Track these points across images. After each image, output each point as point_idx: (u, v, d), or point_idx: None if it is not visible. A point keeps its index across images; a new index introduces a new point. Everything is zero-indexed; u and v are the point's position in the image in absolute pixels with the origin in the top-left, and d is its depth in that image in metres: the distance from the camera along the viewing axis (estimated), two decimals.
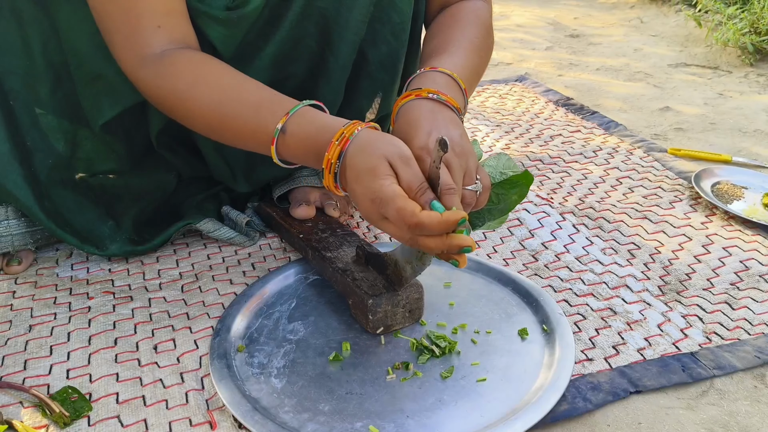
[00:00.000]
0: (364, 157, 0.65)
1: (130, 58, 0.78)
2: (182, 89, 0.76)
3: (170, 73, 0.77)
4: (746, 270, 0.95)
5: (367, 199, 0.65)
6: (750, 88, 1.79)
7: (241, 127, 0.75)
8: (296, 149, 0.72)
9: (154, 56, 0.77)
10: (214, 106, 0.75)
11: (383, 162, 0.64)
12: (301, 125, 0.71)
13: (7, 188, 0.89)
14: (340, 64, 0.91)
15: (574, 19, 2.62)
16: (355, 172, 0.66)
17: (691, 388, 0.75)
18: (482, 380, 0.74)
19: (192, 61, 0.78)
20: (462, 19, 0.91)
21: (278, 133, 0.71)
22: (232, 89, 0.76)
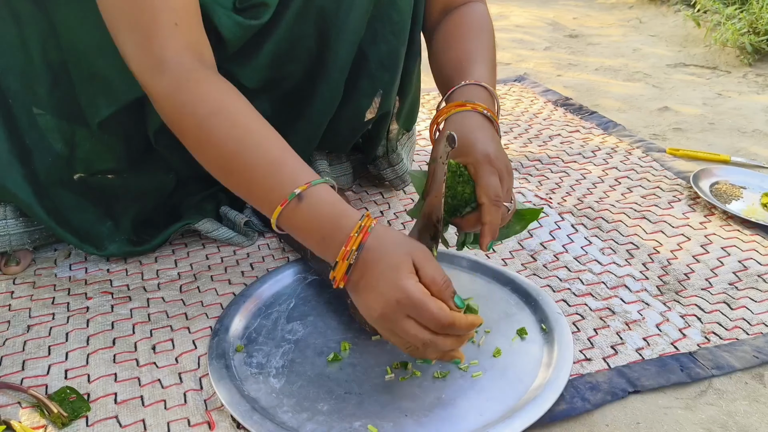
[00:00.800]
0: (387, 253, 0.63)
1: (147, 61, 0.72)
2: (202, 115, 0.71)
3: (192, 91, 0.71)
4: (745, 270, 0.95)
5: (391, 299, 0.62)
6: (749, 88, 1.79)
7: (255, 177, 0.70)
8: (306, 221, 0.67)
9: (174, 64, 0.72)
10: (233, 144, 0.70)
11: (409, 260, 0.63)
12: (320, 200, 0.67)
13: (7, 186, 0.89)
14: (339, 64, 0.91)
15: (573, 19, 2.62)
16: (376, 269, 0.63)
17: (690, 388, 0.75)
18: (480, 379, 0.74)
19: (218, 88, 0.73)
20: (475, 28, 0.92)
21: (293, 197, 0.66)
22: (256, 135, 0.71)
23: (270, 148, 0.70)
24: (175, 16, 0.72)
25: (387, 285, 0.62)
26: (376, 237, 0.64)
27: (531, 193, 1.17)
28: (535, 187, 1.19)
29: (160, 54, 0.71)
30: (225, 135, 0.70)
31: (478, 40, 0.90)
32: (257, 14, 0.83)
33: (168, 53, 0.71)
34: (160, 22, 0.71)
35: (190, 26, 0.74)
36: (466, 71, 0.83)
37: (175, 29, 0.72)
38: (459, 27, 0.92)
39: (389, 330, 0.64)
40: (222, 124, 0.70)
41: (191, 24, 0.74)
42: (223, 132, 0.70)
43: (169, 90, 0.72)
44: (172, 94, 0.72)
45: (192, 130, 0.72)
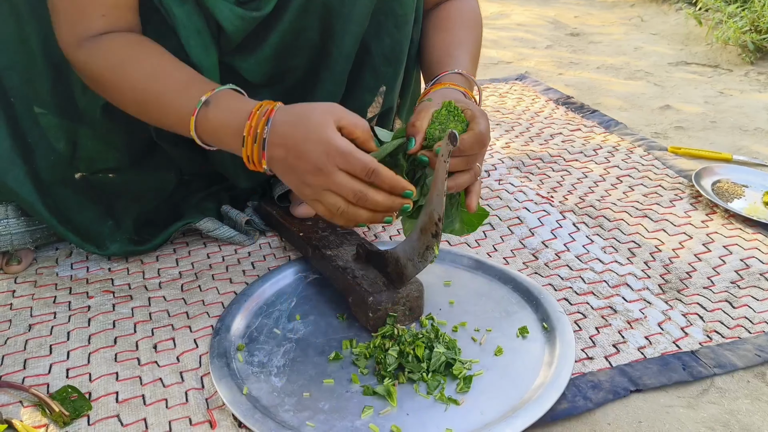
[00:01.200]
0: (304, 117, 0.68)
1: (70, 39, 0.81)
2: (113, 65, 0.79)
3: (104, 51, 0.79)
4: (747, 268, 0.95)
5: (321, 154, 0.66)
6: (750, 86, 1.79)
7: (167, 102, 0.77)
8: (218, 121, 0.74)
9: (92, 38, 0.80)
10: (143, 83, 0.78)
11: (329, 117, 0.67)
12: (227, 101, 0.74)
13: (9, 185, 0.89)
14: (343, 57, 0.90)
15: (574, 17, 2.62)
16: (298, 134, 0.68)
17: (692, 387, 0.75)
18: (482, 378, 0.73)
19: (127, 41, 0.81)
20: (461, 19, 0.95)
21: (201, 105, 0.73)
22: (161, 67, 0.79)
23: (179, 75, 0.78)
24: (103, 9, 0.80)
25: (313, 143, 0.67)
26: (283, 110, 0.70)
27: (532, 191, 1.17)
28: (536, 186, 1.19)
29: (82, 35, 0.80)
30: (134, 76, 0.78)
31: (463, 30, 0.93)
32: (259, 6, 0.83)
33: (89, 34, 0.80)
34: (87, 12, 0.80)
35: (118, 17, 0.81)
36: (449, 61, 0.87)
37: (101, 19, 0.80)
38: (446, 18, 0.96)
39: (320, 192, 0.68)
40: (133, 69, 0.79)
41: (120, 16, 0.81)
42: (133, 73, 0.78)
43: (84, 56, 0.80)
44: (87, 59, 0.80)
45: (108, 83, 0.81)
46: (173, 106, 0.77)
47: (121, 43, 0.80)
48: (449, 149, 0.62)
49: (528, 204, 1.12)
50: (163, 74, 0.79)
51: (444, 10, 0.97)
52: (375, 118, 1.01)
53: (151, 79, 0.78)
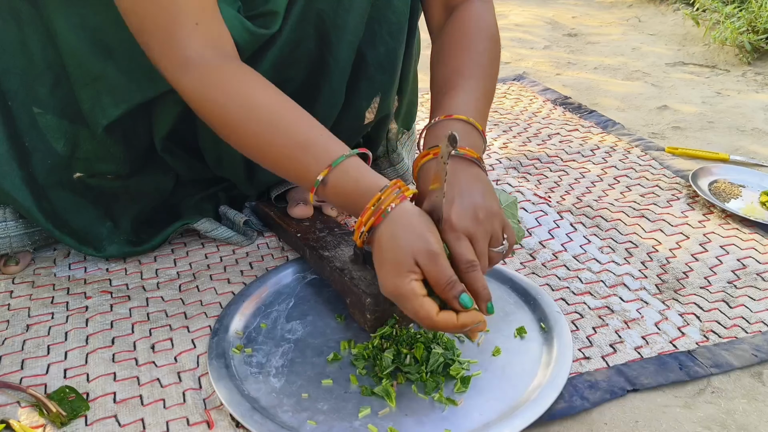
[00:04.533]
0: (392, 246, 0.66)
1: (171, 62, 0.75)
2: (231, 109, 0.74)
3: (218, 87, 0.74)
4: (744, 268, 0.95)
5: (389, 290, 0.66)
6: (748, 86, 1.79)
7: (285, 165, 0.74)
8: (334, 200, 0.72)
9: (198, 61, 0.74)
10: (261, 135, 0.73)
11: (409, 260, 0.65)
12: (342, 180, 0.70)
13: (6, 189, 0.89)
14: (340, 66, 0.90)
15: (572, 18, 2.62)
16: (381, 257, 0.67)
17: (689, 387, 0.75)
18: (480, 378, 0.74)
19: (243, 79, 0.75)
20: (469, 36, 0.87)
21: (318, 184, 0.70)
22: (281, 121, 0.74)
23: (296, 132, 0.73)
24: (195, 16, 0.74)
25: (385, 276, 0.66)
26: (390, 224, 0.67)
27: (530, 192, 1.17)
28: (533, 186, 1.19)
29: (184, 53, 0.74)
30: (254, 126, 0.73)
31: (471, 54, 0.85)
32: (266, 23, 0.83)
33: (191, 52, 0.74)
34: (180, 22, 0.74)
35: (211, 24, 0.76)
36: (447, 99, 0.80)
37: (196, 28, 0.74)
38: (453, 36, 0.88)
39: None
40: (248, 115, 0.73)
41: (211, 22, 0.76)
42: (253, 124, 0.73)
43: (195, 86, 0.75)
44: (198, 90, 0.75)
45: (223, 124, 0.75)
46: (290, 171, 0.74)
47: (237, 80, 0.75)
48: (449, 151, 0.63)
49: (525, 204, 1.13)
50: (281, 131, 0.73)
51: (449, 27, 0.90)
52: (371, 124, 1.01)
53: (269, 134, 0.73)
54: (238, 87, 0.74)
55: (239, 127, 0.74)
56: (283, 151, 0.73)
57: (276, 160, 0.74)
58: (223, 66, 0.75)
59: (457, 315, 0.65)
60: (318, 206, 1.03)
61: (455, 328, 0.65)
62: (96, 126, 0.89)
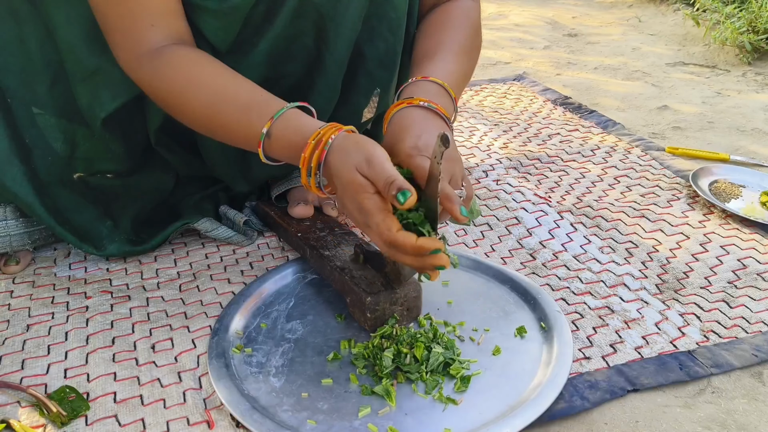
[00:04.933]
0: (341, 169, 0.68)
1: (128, 56, 0.81)
2: (177, 90, 0.79)
3: (166, 72, 0.79)
4: (744, 268, 0.95)
5: (354, 210, 0.68)
6: (748, 86, 1.79)
7: (232, 128, 0.77)
8: (280, 152, 0.74)
9: (151, 54, 0.79)
10: (207, 107, 0.78)
11: (355, 174, 0.66)
12: (284, 129, 0.73)
13: (7, 185, 0.89)
14: (337, 61, 0.90)
15: (572, 18, 2.62)
16: (340, 185, 0.69)
17: (689, 387, 0.75)
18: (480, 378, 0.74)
19: (187, 60, 0.80)
20: (452, 20, 0.92)
21: (263, 137, 0.73)
22: (224, 90, 0.78)
23: (238, 99, 0.77)
24: (150, 18, 0.79)
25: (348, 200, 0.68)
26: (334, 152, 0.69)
27: (530, 192, 1.17)
28: (534, 186, 1.19)
29: (138, 51, 0.80)
30: (201, 102, 0.78)
31: (451, 33, 0.90)
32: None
33: (144, 49, 0.79)
34: (136, 25, 0.79)
35: (168, 25, 0.80)
36: (425, 66, 0.84)
37: (151, 29, 0.79)
38: (437, 19, 0.93)
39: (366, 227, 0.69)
40: (196, 93, 0.78)
41: (169, 23, 0.80)
42: (199, 100, 0.78)
43: (149, 77, 0.80)
44: (150, 78, 0.80)
45: (173, 106, 0.81)
46: (238, 134, 0.77)
47: (182, 62, 0.79)
48: (441, 150, 0.62)
49: (526, 204, 1.13)
50: (225, 99, 0.77)
51: (437, 12, 0.95)
52: (370, 122, 1.01)
53: (215, 105, 0.78)
54: (183, 67, 0.79)
55: (187, 103, 0.79)
56: (229, 118, 0.77)
57: (224, 128, 0.78)
58: (171, 52, 0.79)
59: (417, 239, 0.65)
60: (318, 206, 1.03)
61: (413, 248, 0.64)
62: (94, 120, 0.89)
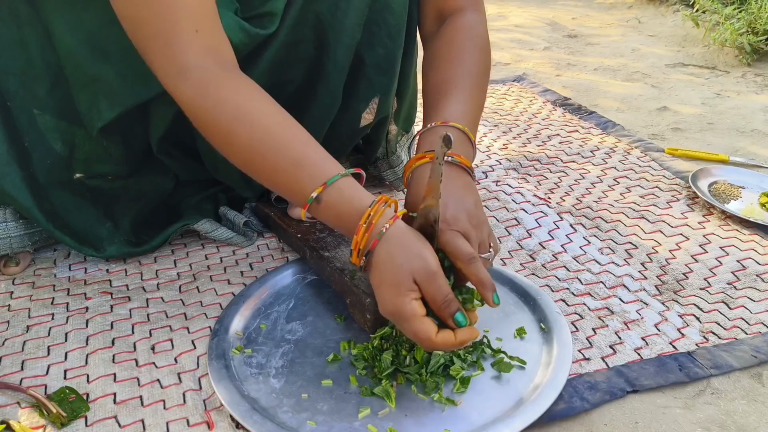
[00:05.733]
0: (390, 267, 0.67)
1: (170, 68, 0.74)
2: (225, 120, 0.73)
3: (213, 96, 0.73)
4: (743, 269, 0.95)
5: (388, 309, 0.67)
6: (747, 87, 1.79)
7: (278, 179, 0.73)
8: (326, 218, 0.72)
9: (196, 69, 0.73)
10: (254, 151, 0.73)
11: (408, 279, 0.66)
12: (336, 198, 0.70)
13: (6, 189, 0.89)
14: (338, 68, 0.91)
15: (572, 19, 2.63)
16: (380, 278, 0.68)
17: (688, 388, 0.75)
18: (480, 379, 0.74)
19: (238, 90, 0.74)
20: (462, 45, 0.88)
21: (311, 201, 0.71)
22: (275, 136, 0.73)
23: (290, 148, 0.72)
24: (195, 22, 0.73)
25: (384, 296, 0.67)
26: (386, 244, 0.68)
27: (530, 193, 1.17)
28: (533, 187, 1.20)
29: (183, 60, 0.73)
30: (247, 139, 0.72)
31: (463, 64, 0.87)
32: (263, 24, 0.83)
33: (190, 59, 0.73)
34: (180, 29, 0.72)
35: (211, 31, 0.75)
36: (439, 106, 0.82)
37: (196, 35, 0.73)
38: (445, 45, 0.90)
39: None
40: (244, 128, 0.72)
41: (211, 28, 0.75)
42: (245, 136, 0.72)
43: (192, 95, 0.73)
44: (195, 99, 0.73)
45: (216, 134, 0.75)
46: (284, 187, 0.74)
47: (233, 91, 0.74)
48: (444, 152, 0.63)
49: (525, 205, 1.13)
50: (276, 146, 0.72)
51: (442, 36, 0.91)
52: (370, 126, 1.01)
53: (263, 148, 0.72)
54: (233, 97, 0.73)
55: (232, 139, 0.73)
56: (277, 166, 0.72)
57: (268, 175, 0.74)
58: (220, 75, 0.74)
59: (455, 333, 0.66)
60: None
61: (453, 346, 0.67)
62: (92, 128, 0.89)
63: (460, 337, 0.67)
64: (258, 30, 0.82)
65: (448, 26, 0.92)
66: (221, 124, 0.73)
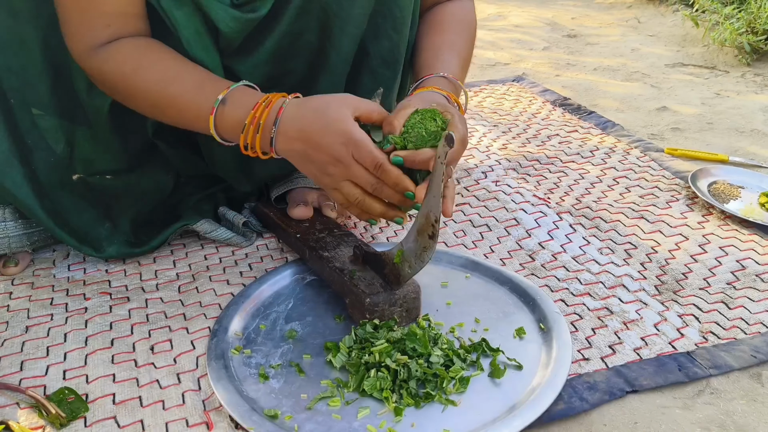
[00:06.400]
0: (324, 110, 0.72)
1: (81, 49, 0.82)
2: (127, 72, 0.81)
3: (115, 58, 0.81)
4: (743, 269, 0.95)
5: (341, 145, 0.70)
6: (747, 87, 1.79)
7: (184, 104, 0.79)
8: (235, 118, 0.76)
9: (103, 46, 0.81)
10: (158, 86, 0.80)
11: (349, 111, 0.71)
12: (240, 98, 0.77)
13: (6, 186, 0.89)
14: (342, 59, 0.90)
15: (571, 19, 2.62)
16: (319, 125, 0.71)
17: (688, 388, 0.75)
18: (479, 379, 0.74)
19: (137, 46, 0.82)
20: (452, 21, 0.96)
21: (218, 104, 0.75)
22: (174, 69, 0.80)
23: (189, 77, 0.80)
24: (108, 19, 0.81)
25: (332, 135, 0.71)
26: (296, 104, 0.73)
27: (529, 192, 1.17)
28: (533, 187, 1.20)
29: (91, 43, 0.82)
30: (149, 81, 0.80)
31: (454, 33, 0.93)
32: (254, 7, 0.83)
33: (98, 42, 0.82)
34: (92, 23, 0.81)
35: (124, 26, 0.82)
36: (435, 64, 0.87)
37: (107, 29, 0.81)
38: (439, 21, 0.96)
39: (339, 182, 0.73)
40: (146, 74, 0.80)
41: (126, 24, 0.82)
42: (149, 81, 0.80)
43: (97, 64, 0.82)
44: (99, 66, 0.82)
45: (123, 89, 0.83)
46: (190, 107, 0.79)
47: (131, 49, 0.82)
48: (446, 151, 0.63)
49: (525, 205, 1.13)
50: (177, 77, 0.80)
51: (438, 12, 0.98)
52: None
53: (165, 83, 0.80)
54: (133, 51, 0.81)
55: (135, 85, 0.81)
56: (180, 94, 0.79)
57: (175, 105, 0.80)
58: (120, 41, 0.81)
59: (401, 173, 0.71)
60: (318, 207, 1.03)
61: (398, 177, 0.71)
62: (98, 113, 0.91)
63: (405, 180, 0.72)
64: (247, 14, 0.83)
65: (438, 8, 0.99)
66: (125, 78, 0.81)
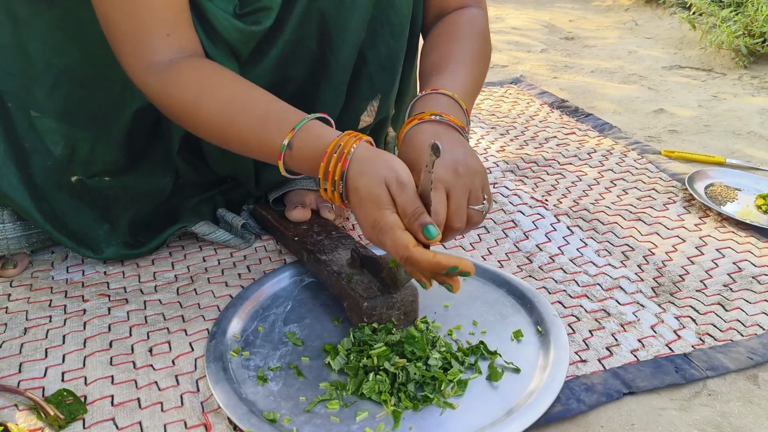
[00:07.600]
0: (366, 181, 0.67)
1: (138, 65, 0.79)
2: (189, 99, 0.77)
3: (177, 81, 0.77)
4: (739, 271, 0.96)
5: (368, 225, 0.67)
6: (744, 90, 1.80)
7: (249, 139, 0.76)
8: (302, 163, 0.73)
9: (162, 64, 0.77)
10: (222, 118, 0.76)
11: (383, 190, 0.66)
12: (307, 141, 0.72)
13: (3, 189, 0.89)
14: (341, 65, 0.91)
15: (569, 21, 2.63)
16: (358, 197, 0.68)
17: (684, 389, 0.75)
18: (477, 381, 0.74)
19: (200, 70, 0.78)
20: (460, 30, 0.91)
21: (285, 149, 0.72)
22: (239, 100, 0.76)
23: (254, 109, 0.76)
24: (166, 27, 0.77)
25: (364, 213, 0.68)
26: (357, 163, 0.69)
27: (527, 195, 1.17)
28: (531, 189, 1.20)
29: (149, 60, 0.78)
30: (214, 113, 0.76)
31: (460, 44, 0.89)
32: (258, 19, 0.83)
33: (157, 58, 0.78)
34: (151, 34, 0.77)
35: (182, 34, 0.79)
36: (435, 79, 0.83)
37: (167, 39, 0.78)
38: (444, 31, 0.92)
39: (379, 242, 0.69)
40: (209, 103, 0.77)
41: (183, 33, 0.79)
42: (212, 111, 0.77)
43: (159, 85, 0.78)
44: (162, 88, 0.78)
45: (185, 115, 0.79)
46: (255, 146, 0.76)
47: (194, 72, 0.78)
48: (433, 159, 0.63)
49: (522, 207, 1.13)
50: (241, 109, 0.76)
51: (440, 25, 0.94)
52: (369, 128, 1.01)
53: (230, 114, 0.76)
54: (195, 75, 0.77)
55: (199, 114, 0.77)
56: (245, 128, 0.75)
57: (240, 140, 0.76)
58: (183, 62, 0.78)
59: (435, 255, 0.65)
60: (316, 210, 1.04)
61: (430, 264, 0.65)
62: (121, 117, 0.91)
63: (439, 257, 0.65)
64: (252, 27, 0.83)
65: (449, 17, 0.94)
66: (187, 104, 0.77)
